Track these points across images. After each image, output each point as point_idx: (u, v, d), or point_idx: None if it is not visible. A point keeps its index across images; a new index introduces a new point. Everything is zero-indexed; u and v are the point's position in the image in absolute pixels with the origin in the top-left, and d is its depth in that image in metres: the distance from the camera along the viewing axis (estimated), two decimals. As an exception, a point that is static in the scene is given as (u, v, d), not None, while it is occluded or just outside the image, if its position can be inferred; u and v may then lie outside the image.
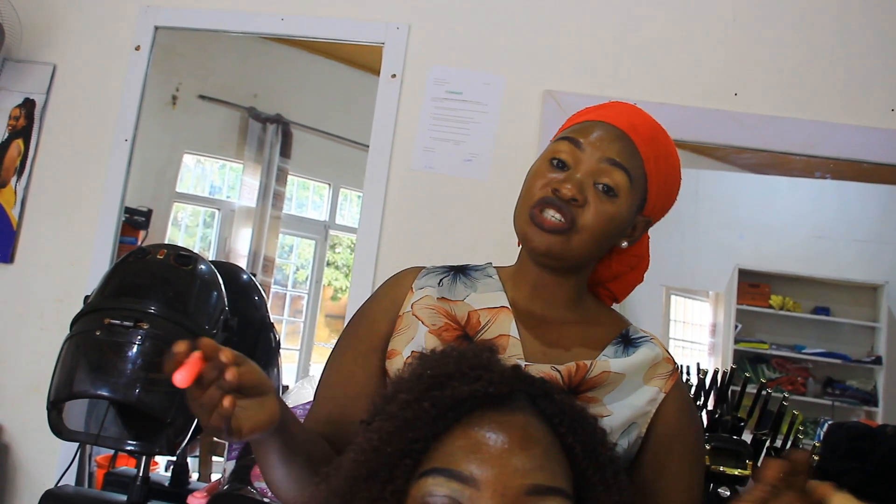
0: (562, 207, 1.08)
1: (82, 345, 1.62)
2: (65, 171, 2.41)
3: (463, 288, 1.20)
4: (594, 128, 1.13)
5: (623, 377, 1.10)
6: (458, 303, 1.18)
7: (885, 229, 4.10)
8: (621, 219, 1.12)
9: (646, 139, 1.13)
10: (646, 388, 1.11)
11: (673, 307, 4.10)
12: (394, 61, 2.27)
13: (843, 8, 2.17)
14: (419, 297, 1.19)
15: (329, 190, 3.60)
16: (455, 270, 1.25)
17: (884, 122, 2.11)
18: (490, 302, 1.18)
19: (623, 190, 1.10)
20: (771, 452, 1.80)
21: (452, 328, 1.15)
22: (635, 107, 1.19)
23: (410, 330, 1.17)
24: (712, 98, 2.16)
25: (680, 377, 1.15)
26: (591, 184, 1.09)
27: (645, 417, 1.10)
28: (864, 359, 4.16)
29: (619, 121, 1.14)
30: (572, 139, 1.13)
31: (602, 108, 1.18)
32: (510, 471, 0.72)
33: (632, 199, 1.12)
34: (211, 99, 3.10)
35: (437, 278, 1.22)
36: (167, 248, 1.76)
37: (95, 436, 1.68)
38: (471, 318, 1.16)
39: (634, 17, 2.23)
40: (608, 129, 1.13)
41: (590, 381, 1.09)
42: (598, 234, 1.10)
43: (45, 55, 2.47)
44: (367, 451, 0.77)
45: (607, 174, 1.10)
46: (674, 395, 1.12)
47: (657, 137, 1.16)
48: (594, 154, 1.11)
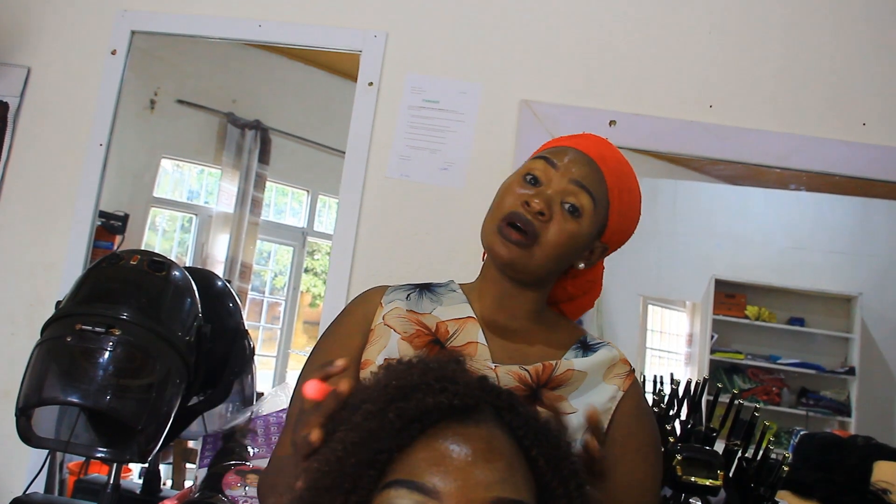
0: (528, 223, 1.16)
1: (53, 350, 1.61)
2: (38, 175, 2.38)
3: (429, 302, 1.28)
4: (568, 152, 1.22)
5: (585, 375, 1.19)
6: (427, 315, 1.25)
7: (860, 241, 4.14)
8: (581, 239, 1.20)
9: (613, 171, 1.23)
10: (606, 385, 1.21)
11: (650, 317, 4.11)
12: (371, 69, 2.27)
13: (817, 23, 2.19)
14: (389, 309, 1.26)
15: (307, 196, 3.59)
16: (420, 288, 1.32)
17: (856, 136, 2.13)
18: (456, 314, 1.25)
19: (587, 212, 1.19)
20: (743, 463, 1.81)
21: (424, 334, 1.22)
22: (607, 141, 1.29)
23: (383, 339, 1.22)
24: (688, 110, 2.18)
25: (636, 379, 1.25)
26: (558, 201, 1.18)
27: (606, 414, 1.18)
28: (838, 369, 4.20)
29: (591, 150, 1.23)
30: (548, 158, 1.22)
31: (578, 137, 1.28)
32: (473, 483, 0.72)
33: (593, 222, 1.21)
34: (189, 104, 3.09)
35: (404, 293, 1.29)
36: (141, 254, 1.75)
37: (65, 443, 1.66)
38: (439, 327, 1.23)
39: (611, 28, 2.24)
40: (581, 156, 1.22)
41: (556, 379, 1.18)
42: (558, 249, 1.18)
43: (20, 57, 2.45)
44: (330, 462, 0.77)
45: (574, 195, 1.18)
46: (631, 393, 1.22)
47: (624, 171, 1.25)
48: (565, 175, 1.19)
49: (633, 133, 2.16)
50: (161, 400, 1.63)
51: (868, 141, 2.13)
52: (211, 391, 1.90)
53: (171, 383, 1.65)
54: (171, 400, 1.65)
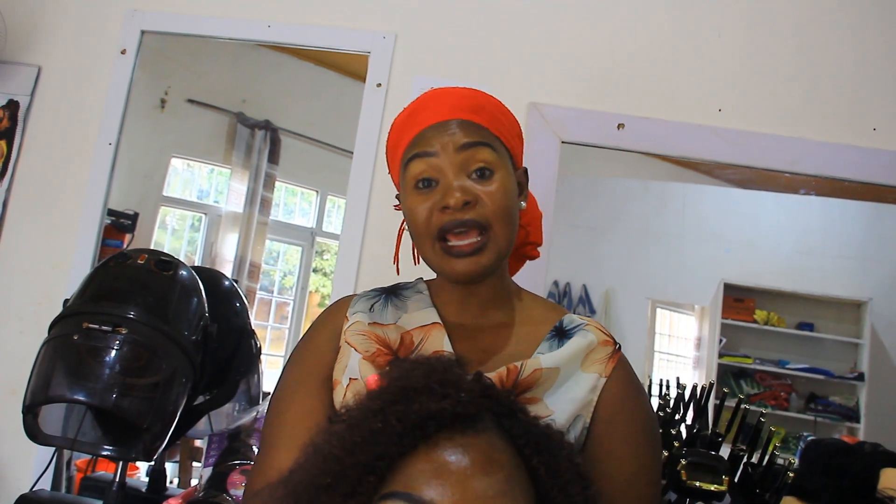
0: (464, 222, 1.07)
1: (60, 348, 1.61)
2: (47, 173, 2.40)
3: (394, 311, 1.21)
4: (430, 132, 1.12)
5: (557, 371, 1.08)
6: (390, 326, 1.18)
7: (870, 246, 4.13)
8: (511, 185, 1.12)
9: (473, 108, 1.13)
10: (584, 375, 1.10)
11: (658, 320, 4.11)
12: (379, 70, 2.27)
13: (827, 27, 2.18)
14: (351, 323, 1.19)
15: (317, 196, 3.60)
16: (386, 293, 1.25)
17: (867, 141, 2.12)
18: (422, 320, 1.18)
19: (494, 162, 1.10)
20: (748, 468, 1.80)
21: (384, 353, 1.14)
22: (436, 90, 1.17)
23: (345, 358, 1.16)
24: (697, 113, 2.17)
25: (623, 358, 1.14)
26: (465, 178, 1.09)
27: (588, 407, 1.08)
28: (847, 375, 4.18)
29: (443, 112, 1.13)
30: (419, 153, 1.11)
31: (417, 113, 1.16)
32: (471, 496, 0.71)
33: (505, 164, 1.13)
34: (199, 103, 3.10)
35: (369, 304, 1.22)
36: (148, 253, 1.75)
37: (72, 441, 1.67)
38: (404, 339, 1.16)
39: (620, 31, 2.24)
40: (441, 125, 1.11)
41: (523, 383, 1.07)
42: (506, 214, 1.10)
43: (30, 57, 2.47)
44: (329, 460, 0.77)
45: (472, 159, 1.09)
46: (616, 375, 1.11)
47: (481, 102, 1.15)
48: (448, 150, 1.10)
49: (642, 137, 2.15)
50: (167, 399, 1.63)
51: (879, 146, 2.11)
52: (217, 390, 1.90)
53: (177, 382, 1.65)
54: (176, 399, 1.65)
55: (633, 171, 2.94)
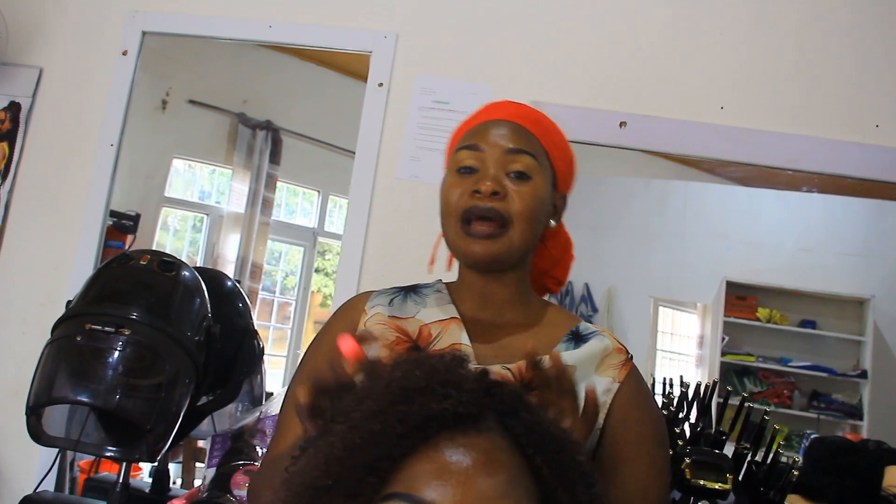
0: (489, 210, 1.13)
1: (63, 350, 1.61)
2: (49, 175, 2.40)
3: (413, 305, 1.24)
4: (485, 128, 1.20)
5: (574, 370, 1.08)
6: (409, 319, 1.22)
7: (872, 243, 4.11)
8: (544, 196, 1.18)
9: (533, 122, 1.21)
10: (598, 378, 1.13)
11: (661, 318, 4.10)
12: (381, 70, 2.27)
13: (829, 25, 2.18)
14: (371, 315, 1.23)
15: (318, 197, 3.60)
16: (405, 290, 1.28)
17: (869, 138, 2.11)
18: (440, 315, 1.22)
19: (534, 169, 1.16)
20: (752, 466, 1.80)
21: (403, 341, 1.18)
22: (509, 101, 1.27)
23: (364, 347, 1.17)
24: (698, 111, 2.17)
25: (635, 367, 1.17)
26: (503, 175, 1.15)
27: (602, 409, 1.10)
28: (850, 372, 4.17)
29: (503, 115, 1.21)
30: (469, 146, 1.19)
31: (484, 111, 1.26)
32: (473, 497, 0.71)
33: (544, 177, 1.19)
34: (201, 104, 3.10)
35: (388, 298, 1.26)
36: (150, 254, 1.75)
37: (75, 442, 1.67)
38: (422, 332, 1.19)
39: (622, 30, 2.23)
40: (498, 125, 1.20)
41: None
42: (530, 215, 1.15)
43: (32, 58, 2.47)
44: (329, 461, 0.76)
45: (514, 161, 1.16)
46: (628, 383, 1.14)
47: (540, 118, 1.24)
48: (495, 150, 1.17)
49: (644, 135, 2.15)
50: (170, 400, 1.63)
51: (881, 143, 2.11)
52: (220, 391, 1.90)
53: (180, 383, 1.66)
54: (179, 400, 1.66)
55: (635, 169, 2.93)
